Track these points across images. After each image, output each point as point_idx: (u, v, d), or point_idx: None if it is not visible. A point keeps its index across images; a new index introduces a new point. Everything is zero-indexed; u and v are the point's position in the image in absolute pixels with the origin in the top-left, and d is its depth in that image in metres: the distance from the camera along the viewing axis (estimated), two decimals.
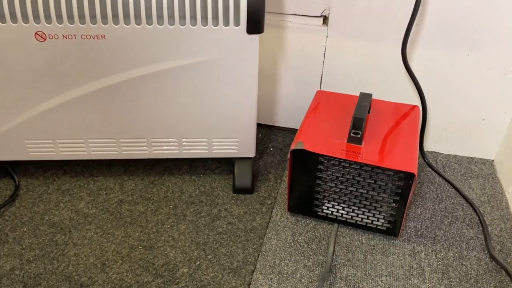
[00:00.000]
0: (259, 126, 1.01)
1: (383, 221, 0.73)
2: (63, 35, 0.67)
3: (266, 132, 1.00)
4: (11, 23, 0.65)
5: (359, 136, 0.68)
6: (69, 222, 0.75)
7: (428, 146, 0.94)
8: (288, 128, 1.01)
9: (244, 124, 0.79)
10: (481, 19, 0.77)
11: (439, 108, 0.88)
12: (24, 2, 0.64)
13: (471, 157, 0.93)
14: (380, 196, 0.69)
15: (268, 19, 0.87)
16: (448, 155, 0.93)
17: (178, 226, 0.76)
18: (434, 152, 0.94)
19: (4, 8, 0.64)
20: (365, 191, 0.70)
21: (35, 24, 0.66)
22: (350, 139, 0.69)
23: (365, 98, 0.72)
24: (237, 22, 0.68)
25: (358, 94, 0.90)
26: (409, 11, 0.79)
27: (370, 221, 0.73)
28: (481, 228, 0.76)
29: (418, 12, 0.79)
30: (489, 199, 0.82)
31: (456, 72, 0.84)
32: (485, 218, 0.78)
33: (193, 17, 0.67)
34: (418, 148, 0.71)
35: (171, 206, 0.79)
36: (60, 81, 0.72)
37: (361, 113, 0.68)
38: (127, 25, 0.67)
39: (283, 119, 1.00)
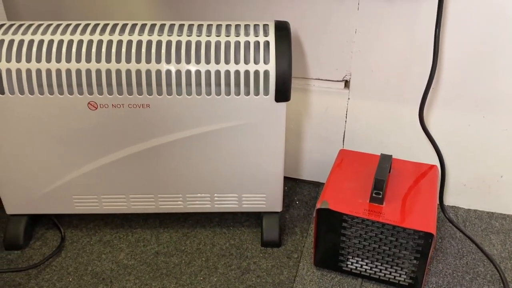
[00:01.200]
0: (286, 179, 1.07)
1: (405, 276, 0.76)
2: (112, 104, 0.76)
3: (292, 185, 1.05)
4: (68, 94, 0.75)
5: (380, 196, 0.73)
6: (110, 273, 0.81)
7: (449, 201, 0.98)
8: (313, 181, 1.06)
9: (272, 181, 0.85)
10: (493, 84, 0.83)
11: (457, 165, 0.93)
12: (80, 77, 0.73)
13: (492, 212, 0.96)
14: (402, 253, 0.73)
15: (294, 83, 0.95)
16: (469, 209, 0.97)
17: (210, 278, 0.81)
18: (455, 206, 0.98)
19: (62, 81, 0.74)
20: (387, 248, 0.74)
21: (89, 95, 0.75)
22: (372, 199, 0.73)
23: (385, 159, 0.77)
24: (266, 92, 0.75)
25: (379, 153, 0.95)
26: (426, 76, 0.85)
27: (393, 277, 0.77)
28: (502, 285, 0.78)
29: (434, 78, 0.85)
30: (510, 255, 0.85)
31: (472, 132, 0.88)
32: (506, 275, 0.80)
33: (227, 87, 0.75)
34: (437, 207, 0.76)
35: (203, 259, 0.85)
36: (107, 144, 0.80)
37: (382, 174, 0.73)
38: (169, 95, 0.75)
39: (308, 173, 1.06)
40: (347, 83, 0.93)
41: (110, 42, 0.74)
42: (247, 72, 0.74)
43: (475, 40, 0.80)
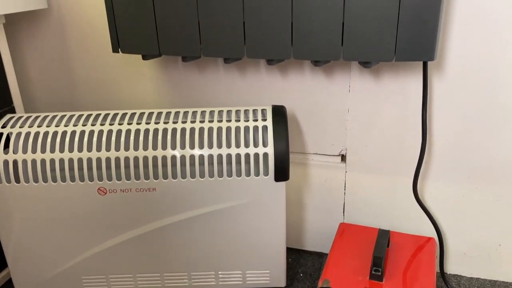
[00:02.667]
0: (289, 250, 1.09)
1: None
2: (120, 189, 0.80)
3: (296, 257, 1.07)
4: (79, 181, 0.79)
5: (379, 273, 0.75)
6: None
7: (451, 269, 0.99)
8: (316, 252, 1.08)
9: (275, 257, 0.87)
10: (483, 156, 0.87)
11: (456, 234, 0.95)
12: (90, 165, 0.78)
13: (494, 280, 0.96)
14: None
15: (293, 158, 1.00)
16: (471, 278, 0.98)
17: None
18: (457, 275, 0.98)
19: (74, 169, 0.78)
20: None
21: (98, 182, 0.79)
22: (372, 276, 0.75)
23: (383, 236, 0.80)
24: (266, 173, 0.80)
25: (379, 225, 0.98)
26: (418, 150, 0.89)
27: None
28: None
29: (425, 152, 0.89)
30: None
31: (467, 203, 0.91)
32: None
33: (229, 169, 0.79)
34: (436, 279, 0.77)
35: None
36: (115, 226, 0.83)
37: (380, 251, 0.76)
38: (175, 179, 0.79)
39: (311, 243, 1.08)
40: (343, 157, 0.97)
41: (119, 132, 0.80)
42: (247, 155, 0.79)
43: (463, 116, 0.85)
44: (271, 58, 0.80)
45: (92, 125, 0.81)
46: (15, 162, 0.79)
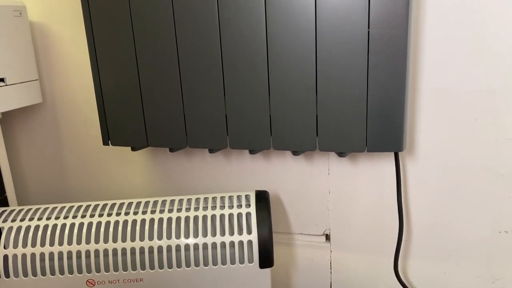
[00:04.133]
0: None
1: None
2: (109, 281, 0.82)
3: None
4: (68, 274, 0.81)
5: None
6: None
7: None
8: None
9: None
10: (461, 234, 0.90)
11: None
12: (80, 257, 0.81)
13: None
14: None
15: (279, 238, 1.02)
16: None
17: None
18: None
19: (64, 262, 0.80)
20: None
21: (87, 274, 0.81)
22: None
23: None
24: (250, 260, 0.82)
25: None
26: (397, 230, 0.92)
27: None
28: None
29: (405, 231, 0.92)
30: None
31: (449, 280, 0.93)
32: None
33: (214, 257, 0.82)
34: None
35: None
36: None
37: None
38: (161, 269, 0.81)
39: None
40: (328, 237, 1.00)
41: (107, 224, 0.83)
42: (232, 243, 0.82)
43: (437, 196, 0.89)
44: (253, 148, 0.85)
45: (82, 217, 0.84)
46: (5, 257, 0.81)
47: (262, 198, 0.87)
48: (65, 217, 0.84)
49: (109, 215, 0.85)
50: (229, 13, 0.78)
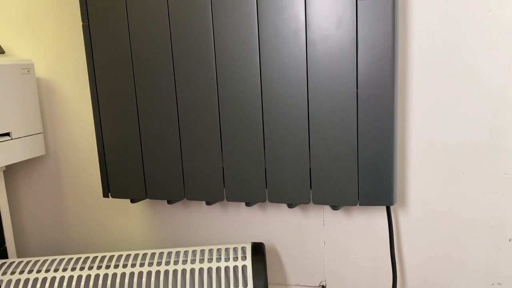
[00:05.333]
0: None
1: None
2: None
3: None
4: None
5: None
6: None
7: None
8: None
9: None
10: (454, 284, 0.91)
11: None
12: None
13: None
14: None
15: None
16: None
17: None
18: None
19: None
20: None
21: None
22: None
23: None
24: None
25: None
26: (391, 281, 0.93)
27: None
28: None
29: (399, 281, 0.93)
30: None
31: None
32: None
33: None
34: None
35: None
36: None
37: None
38: None
39: None
40: None
41: (106, 276, 0.84)
42: None
43: (430, 247, 0.91)
44: (248, 201, 0.87)
45: (81, 269, 0.85)
46: None
47: (258, 251, 0.89)
48: (64, 270, 0.86)
49: (107, 267, 0.86)
50: (226, 73, 0.83)
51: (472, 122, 0.84)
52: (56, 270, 0.85)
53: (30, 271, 0.86)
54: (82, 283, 0.83)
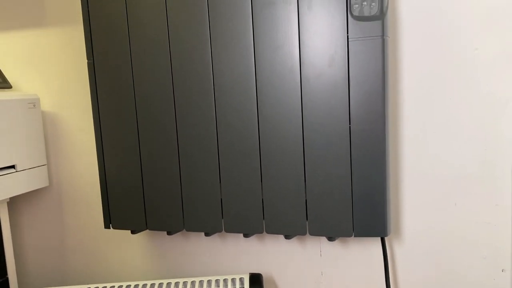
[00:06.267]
0: None
1: None
2: None
3: None
4: None
5: None
6: None
7: None
8: None
9: None
10: None
11: None
12: None
13: None
14: None
15: None
16: None
17: None
18: None
19: None
20: None
21: None
22: None
23: None
24: None
25: None
26: None
27: None
28: None
29: None
30: None
31: None
32: None
33: None
34: None
35: None
36: None
37: None
38: None
39: None
40: None
41: None
42: None
43: (424, 276, 0.92)
44: (246, 232, 0.89)
45: None
46: None
47: (256, 281, 0.90)
48: None
49: None
50: (225, 108, 0.86)
51: (463, 154, 0.87)
52: None
53: None
54: None
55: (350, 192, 0.81)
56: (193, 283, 0.90)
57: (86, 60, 0.93)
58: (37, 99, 1.06)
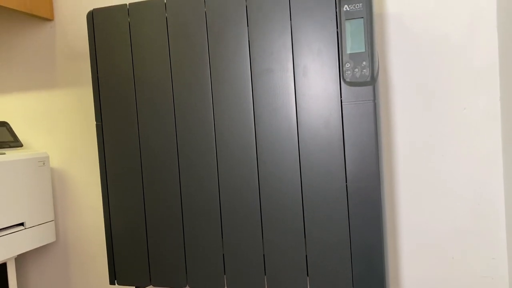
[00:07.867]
0: None
1: None
2: None
3: None
4: None
5: None
6: None
7: None
8: None
9: None
10: None
11: None
12: None
13: None
14: None
15: None
16: None
17: None
18: None
19: None
20: None
21: None
22: None
23: None
24: None
25: None
26: None
27: None
28: None
29: None
30: None
31: None
32: None
33: None
34: None
35: None
36: None
37: None
38: None
39: None
40: None
41: None
42: None
43: None
44: None
45: None
46: None
47: None
48: None
49: None
50: (226, 168, 0.90)
51: (457, 209, 0.89)
52: None
53: None
54: None
55: (349, 248, 0.83)
56: None
57: (94, 121, 0.98)
58: (47, 157, 1.11)
